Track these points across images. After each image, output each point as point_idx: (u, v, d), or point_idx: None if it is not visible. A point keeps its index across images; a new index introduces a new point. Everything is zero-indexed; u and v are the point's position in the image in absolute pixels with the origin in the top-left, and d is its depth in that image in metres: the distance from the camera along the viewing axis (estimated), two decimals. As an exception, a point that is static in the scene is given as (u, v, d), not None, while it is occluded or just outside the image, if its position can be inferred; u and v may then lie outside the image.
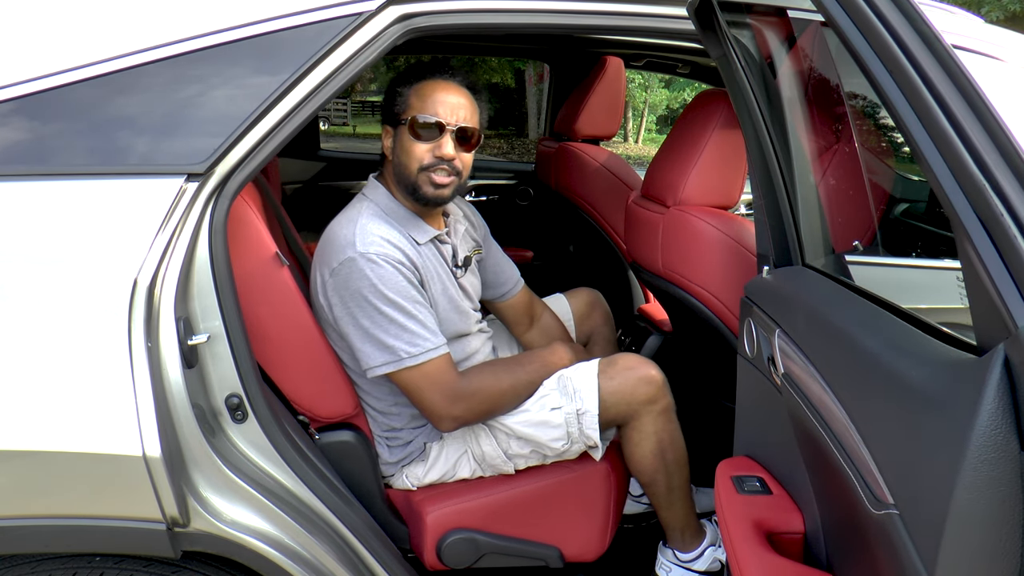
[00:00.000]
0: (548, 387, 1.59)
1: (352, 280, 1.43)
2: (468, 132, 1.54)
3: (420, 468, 1.61)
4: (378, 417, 1.61)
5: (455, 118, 1.52)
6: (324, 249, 1.50)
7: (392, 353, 1.44)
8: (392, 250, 1.46)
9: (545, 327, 1.93)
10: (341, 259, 1.44)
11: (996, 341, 0.66)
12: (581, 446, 1.57)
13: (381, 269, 1.43)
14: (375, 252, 1.43)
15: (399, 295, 1.43)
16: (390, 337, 1.43)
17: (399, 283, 1.44)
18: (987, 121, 0.69)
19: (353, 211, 1.54)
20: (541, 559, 1.60)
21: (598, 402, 1.54)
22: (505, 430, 1.57)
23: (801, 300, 1.14)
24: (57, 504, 1.14)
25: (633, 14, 1.35)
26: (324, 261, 1.48)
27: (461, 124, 1.53)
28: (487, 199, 3.43)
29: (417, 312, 1.45)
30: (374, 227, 1.48)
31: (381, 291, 1.42)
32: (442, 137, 1.52)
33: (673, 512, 1.68)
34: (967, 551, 0.67)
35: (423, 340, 1.44)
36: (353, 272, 1.43)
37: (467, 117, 1.54)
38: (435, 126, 1.51)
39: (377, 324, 1.43)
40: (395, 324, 1.43)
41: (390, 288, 1.43)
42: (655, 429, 1.60)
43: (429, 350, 1.45)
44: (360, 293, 1.43)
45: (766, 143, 1.26)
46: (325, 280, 1.47)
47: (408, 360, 1.44)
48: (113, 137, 1.14)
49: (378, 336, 1.43)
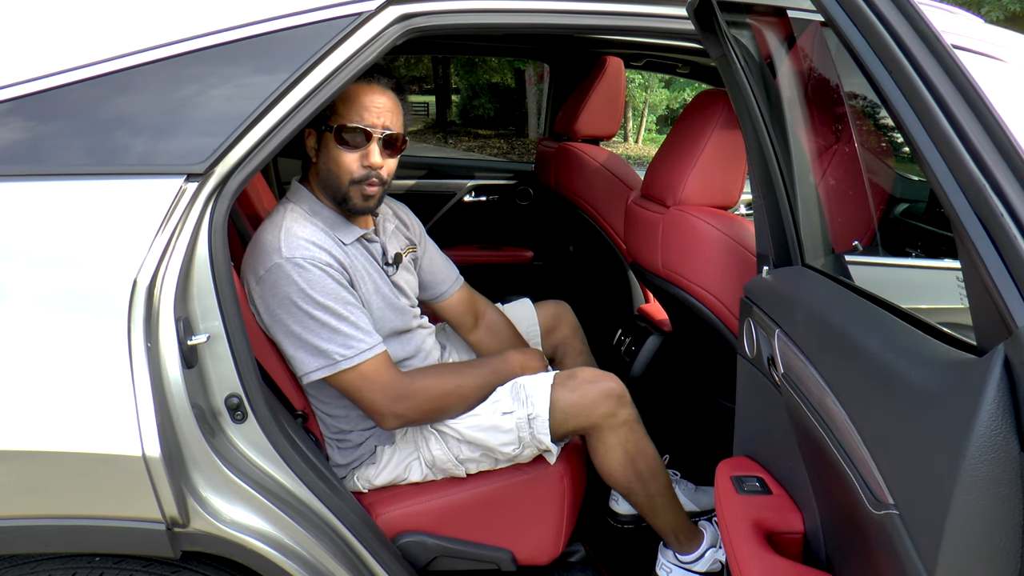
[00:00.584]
0: (501, 393, 1.59)
1: (279, 286, 1.40)
2: (394, 138, 1.51)
3: (371, 470, 1.60)
4: (327, 420, 1.60)
5: (381, 125, 1.49)
6: (250, 257, 1.47)
7: (326, 357, 1.42)
8: (318, 252, 1.43)
9: (491, 325, 1.92)
10: (268, 266, 1.41)
11: (996, 341, 0.66)
12: (534, 450, 1.56)
13: (308, 273, 1.40)
14: (301, 256, 1.40)
15: (328, 298, 1.41)
16: (322, 341, 1.41)
17: (327, 285, 1.42)
18: (987, 121, 0.69)
19: (277, 216, 1.49)
20: (493, 562, 1.60)
21: (551, 415, 1.53)
22: (455, 435, 1.55)
23: (801, 300, 1.14)
24: (57, 504, 1.14)
25: (633, 14, 1.35)
26: (251, 269, 1.45)
27: (388, 131, 1.49)
28: (487, 199, 3.43)
29: (348, 313, 1.43)
30: (299, 230, 1.45)
31: (310, 295, 1.40)
32: (369, 145, 1.48)
33: (660, 518, 1.68)
34: (967, 551, 0.67)
35: (356, 341, 1.42)
36: (280, 278, 1.40)
37: (393, 122, 1.51)
38: (361, 134, 1.47)
39: (308, 329, 1.41)
40: (327, 328, 1.41)
41: (318, 291, 1.40)
42: (619, 441, 1.59)
43: (363, 351, 1.43)
44: (289, 299, 1.40)
45: (766, 143, 1.26)
46: (252, 288, 1.45)
47: (343, 363, 1.42)
48: (113, 137, 1.14)
49: (310, 341, 1.41)
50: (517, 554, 1.62)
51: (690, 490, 1.99)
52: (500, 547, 1.60)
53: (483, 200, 3.42)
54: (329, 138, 1.49)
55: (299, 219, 1.49)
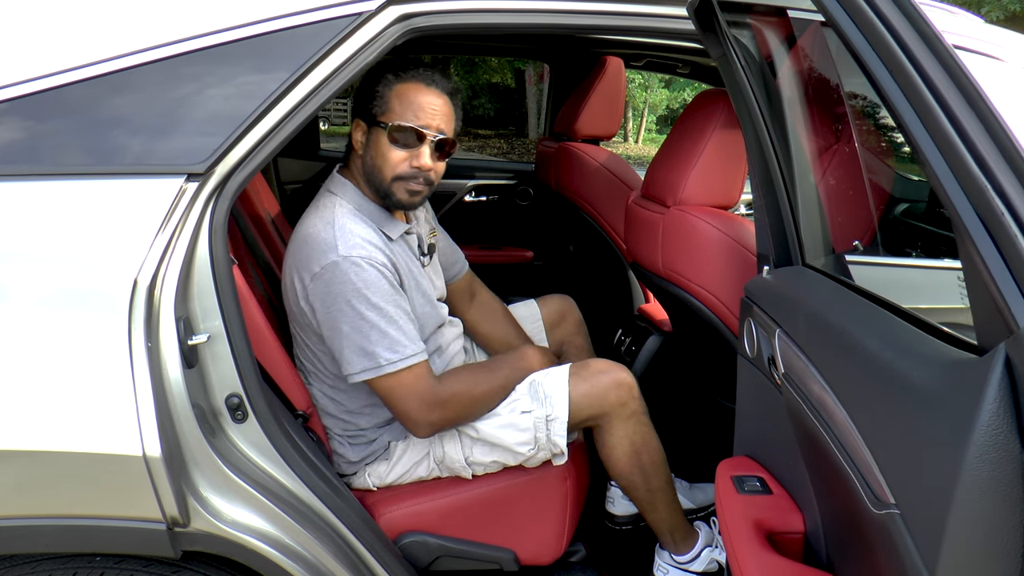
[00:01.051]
0: (519, 391, 1.59)
1: (335, 284, 1.40)
2: (445, 142, 1.53)
3: (383, 466, 1.60)
4: (345, 416, 1.59)
5: (435, 127, 1.50)
6: (301, 252, 1.46)
7: (372, 359, 1.42)
8: (374, 252, 1.43)
9: (484, 303, 1.96)
10: (323, 263, 1.40)
11: (997, 341, 0.66)
12: (546, 454, 1.56)
13: (365, 273, 1.40)
14: (358, 255, 1.40)
15: (382, 299, 1.41)
16: (371, 343, 1.41)
17: (382, 287, 1.42)
18: (988, 121, 0.69)
19: (327, 211, 1.49)
20: (495, 562, 1.60)
21: (568, 407, 1.53)
22: (471, 432, 1.55)
23: (801, 300, 1.14)
24: (57, 504, 1.14)
25: (633, 14, 1.35)
26: (303, 265, 1.44)
27: (441, 135, 1.51)
28: (487, 199, 3.43)
29: (399, 317, 1.43)
30: (353, 227, 1.45)
31: (365, 295, 1.40)
32: (421, 147, 1.49)
33: (657, 514, 1.68)
34: (968, 551, 0.67)
35: (403, 347, 1.42)
36: (336, 276, 1.40)
37: (446, 125, 1.52)
38: (415, 135, 1.48)
39: (358, 329, 1.41)
40: (376, 329, 1.41)
41: (373, 292, 1.40)
42: (627, 432, 1.60)
43: (409, 356, 1.43)
44: (343, 297, 1.40)
45: (766, 143, 1.26)
46: (305, 285, 1.44)
47: (388, 367, 1.42)
48: (113, 137, 1.14)
49: (359, 342, 1.41)
50: (519, 554, 1.62)
51: (684, 487, 1.99)
52: (502, 547, 1.60)
53: (483, 200, 3.42)
54: (380, 134, 1.50)
55: (350, 215, 1.48)
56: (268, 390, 1.30)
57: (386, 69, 1.52)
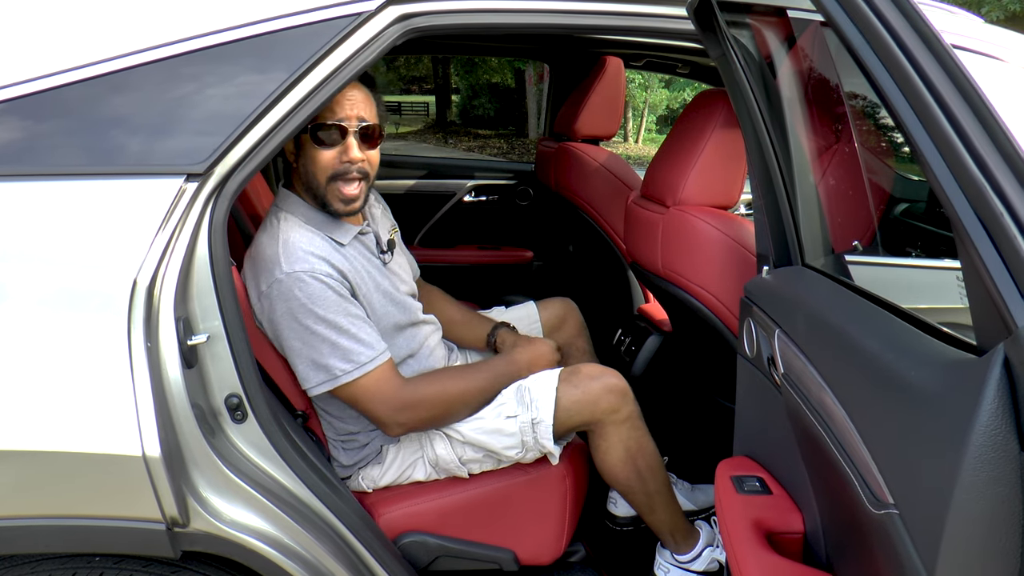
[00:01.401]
0: (505, 395, 1.58)
1: (280, 301, 1.39)
2: (370, 129, 1.48)
3: (376, 470, 1.60)
4: (334, 422, 1.60)
5: (356, 117, 1.46)
6: (251, 270, 1.46)
7: (327, 372, 1.41)
8: (318, 263, 1.41)
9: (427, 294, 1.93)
10: (269, 282, 1.40)
11: (996, 341, 0.66)
12: (536, 453, 1.57)
13: (309, 287, 1.39)
14: (301, 270, 1.39)
15: (329, 311, 1.40)
16: (323, 356, 1.41)
17: (328, 298, 1.40)
18: (987, 121, 0.69)
19: (272, 228, 1.47)
20: (495, 562, 1.60)
21: (554, 412, 1.53)
22: (459, 437, 1.55)
23: (801, 300, 1.14)
24: (57, 504, 1.14)
25: (633, 14, 1.35)
26: (252, 283, 1.45)
27: (363, 123, 1.47)
28: (487, 199, 3.43)
29: (350, 326, 1.42)
30: (297, 239, 1.43)
31: (311, 310, 1.39)
32: (346, 140, 1.46)
33: (657, 517, 1.68)
34: (967, 551, 0.67)
35: (356, 355, 1.42)
36: (281, 293, 1.39)
37: (367, 113, 1.48)
38: (337, 130, 1.45)
39: (308, 344, 1.40)
40: (327, 343, 1.40)
41: (319, 306, 1.39)
42: (621, 438, 1.59)
43: (363, 364, 1.42)
44: (290, 314, 1.39)
45: (766, 143, 1.26)
46: (254, 302, 1.45)
47: (343, 377, 1.41)
48: (113, 137, 1.14)
49: (311, 356, 1.41)
50: (519, 554, 1.62)
51: (686, 489, 1.99)
52: (502, 547, 1.60)
53: (483, 200, 3.42)
54: (305, 139, 1.47)
55: (295, 227, 1.46)
56: (268, 390, 1.30)
57: None
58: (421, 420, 1.50)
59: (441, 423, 1.53)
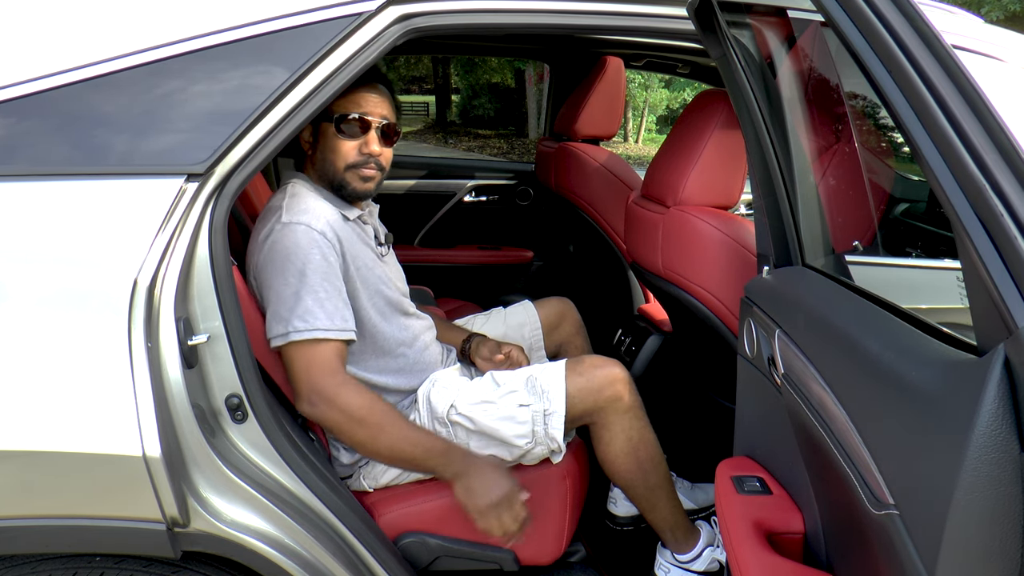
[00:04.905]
0: (516, 384, 1.58)
1: (271, 251, 1.43)
2: (390, 128, 1.59)
3: (376, 470, 1.58)
4: None
5: (379, 115, 1.57)
6: (255, 229, 1.52)
7: (284, 325, 1.40)
8: (317, 222, 1.45)
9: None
10: (266, 232, 1.45)
11: (996, 341, 0.66)
12: (543, 449, 1.56)
13: (299, 239, 1.42)
14: (299, 220, 1.43)
15: (308, 268, 1.41)
16: (287, 310, 1.40)
17: (314, 257, 1.42)
18: (987, 121, 0.69)
19: (282, 190, 1.55)
20: (495, 562, 1.59)
21: (565, 402, 1.54)
22: (468, 424, 1.54)
23: (801, 300, 1.14)
24: (57, 504, 1.14)
25: (633, 14, 1.35)
26: (253, 240, 1.50)
27: (385, 120, 1.58)
28: (487, 199, 3.43)
29: (320, 290, 1.41)
30: (305, 197, 1.51)
31: (292, 262, 1.41)
32: (368, 134, 1.56)
33: (658, 513, 1.68)
34: (967, 551, 0.67)
35: (314, 318, 1.40)
36: (273, 241, 1.43)
37: (388, 113, 1.59)
38: (360, 123, 1.54)
39: (279, 294, 1.41)
40: (294, 296, 1.40)
41: (301, 259, 1.41)
42: (623, 427, 1.60)
43: (318, 329, 1.39)
44: (275, 263, 1.42)
45: (766, 143, 1.26)
46: (252, 260, 1.49)
47: (293, 334, 1.39)
48: (113, 138, 1.14)
49: (277, 307, 1.41)
50: (519, 554, 1.62)
51: (686, 488, 1.99)
52: (502, 547, 1.60)
53: (483, 200, 3.42)
54: (327, 128, 1.56)
55: (304, 190, 1.54)
56: (268, 390, 1.30)
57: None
58: (330, 421, 1.41)
59: (344, 438, 1.45)
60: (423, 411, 1.59)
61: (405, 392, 1.64)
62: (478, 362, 1.79)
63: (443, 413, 1.56)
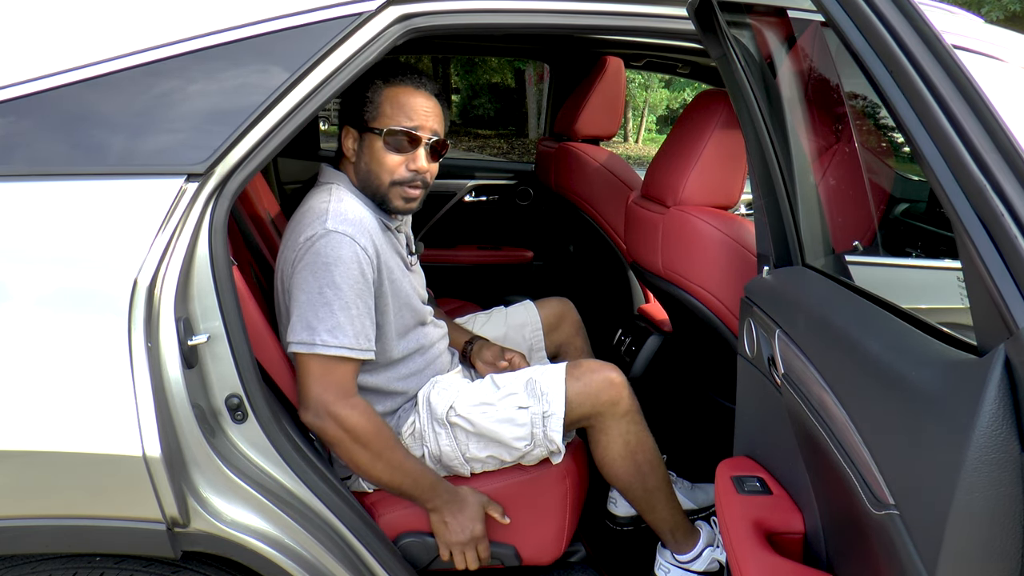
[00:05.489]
0: (515, 386, 1.58)
1: (310, 254, 1.39)
2: (439, 144, 1.54)
3: None
4: None
5: (429, 129, 1.51)
6: (295, 227, 1.46)
7: (312, 334, 1.38)
8: (361, 235, 1.42)
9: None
10: (309, 234, 1.40)
11: (996, 341, 0.66)
12: (543, 450, 1.56)
13: (342, 250, 1.39)
14: (343, 230, 1.40)
15: (345, 282, 1.39)
16: (317, 319, 1.38)
17: (351, 271, 1.40)
18: (987, 121, 0.69)
19: (324, 191, 1.50)
20: (496, 557, 1.59)
21: (564, 405, 1.53)
22: (467, 426, 1.54)
23: (801, 300, 1.14)
24: (57, 504, 1.14)
25: (633, 14, 1.35)
26: (292, 239, 1.44)
27: (435, 137, 1.52)
28: (487, 199, 3.43)
29: (353, 306, 1.40)
30: (349, 203, 1.46)
31: (331, 272, 1.38)
32: (416, 150, 1.51)
33: (657, 515, 1.68)
34: (967, 551, 0.67)
35: (343, 335, 1.39)
36: (315, 247, 1.39)
37: (439, 127, 1.54)
38: (410, 138, 1.50)
39: (311, 301, 1.38)
40: (326, 307, 1.38)
41: (340, 273, 1.38)
42: (620, 432, 1.59)
43: (344, 347, 1.38)
44: (311, 268, 1.39)
45: (766, 143, 1.26)
46: (289, 258, 1.43)
47: (320, 347, 1.38)
48: (113, 137, 1.14)
49: (306, 314, 1.39)
50: (520, 553, 1.62)
51: (687, 488, 1.99)
52: (503, 543, 1.60)
53: (483, 200, 3.42)
54: (374, 140, 1.51)
55: (348, 195, 1.50)
56: (268, 390, 1.30)
57: (374, 74, 1.52)
58: (334, 437, 1.41)
59: (343, 455, 1.45)
60: (423, 413, 1.59)
61: (409, 396, 1.64)
62: (479, 366, 1.79)
63: (442, 414, 1.56)
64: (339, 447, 1.42)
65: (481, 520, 1.51)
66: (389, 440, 1.46)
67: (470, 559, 1.52)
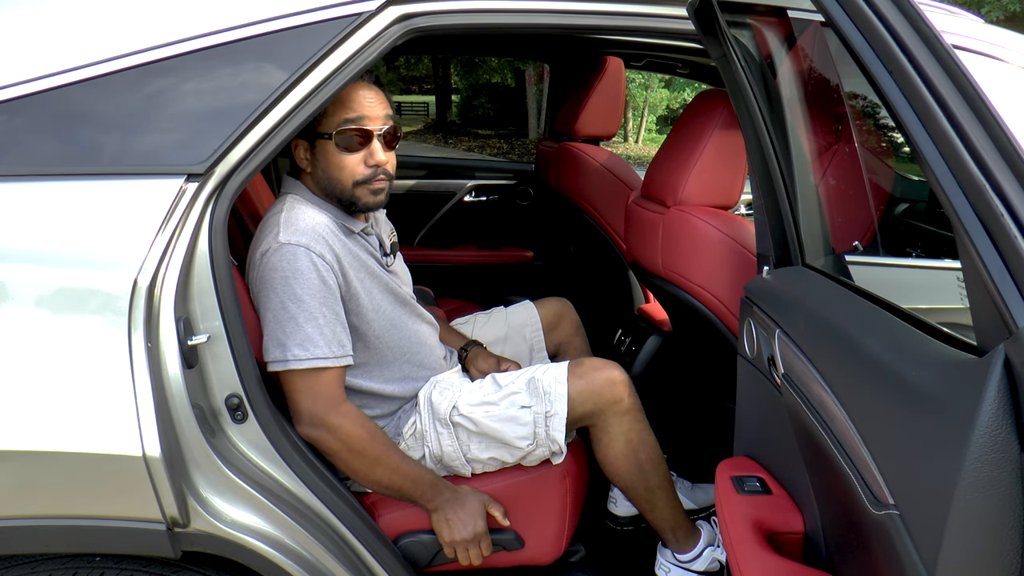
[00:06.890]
0: (518, 385, 1.57)
1: (267, 270, 1.38)
2: (392, 131, 1.50)
3: None
4: None
5: (379, 119, 1.47)
6: (254, 241, 1.44)
7: (284, 351, 1.38)
8: (315, 243, 1.39)
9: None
10: (263, 249, 1.40)
11: (996, 341, 0.66)
12: (545, 451, 1.56)
13: (298, 263, 1.37)
14: (296, 242, 1.37)
15: (307, 293, 1.37)
16: (286, 335, 1.37)
17: (311, 281, 1.38)
18: (987, 121, 0.69)
19: (280, 202, 1.49)
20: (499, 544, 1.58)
21: (567, 404, 1.53)
22: (469, 425, 1.54)
23: (801, 300, 1.14)
24: (57, 504, 1.14)
25: (633, 14, 1.35)
26: (251, 254, 1.44)
27: (386, 126, 1.48)
28: (487, 199, 3.43)
29: (319, 315, 1.38)
30: (302, 213, 1.43)
31: (291, 286, 1.37)
32: (371, 144, 1.46)
33: (658, 514, 1.68)
34: (967, 551, 0.67)
35: (314, 346, 1.37)
36: (270, 263, 1.38)
37: (387, 114, 1.49)
38: (361, 133, 1.45)
39: (276, 318, 1.38)
40: (292, 322, 1.37)
41: (300, 284, 1.37)
42: (622, 430, 1.59)
43: (318, 358, 1.37)
44: (271, 285, 1.38)
45: (766, 143, 1.26)
46: (251, 275, 1.43)
47: (293, 363, 1.37)
48: (113, 138, 1.14)
49: (276, 332, 1.38)
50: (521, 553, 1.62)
51: (687, 488, 1.99)
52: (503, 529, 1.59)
53: (483, 200, 3.42)
54: (325, 144, 1.47)
55: (303, 204, 1.47)
56: (268, 390, 1.30)
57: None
58: (330, 447, 1.42)
59: (342, 464, 1.45)
60: (424, 413, 1.58)
61: (407, 399, 1.64)
62: (474, 373, 1.78)
63: (445, 414, 1.56)
64: (337, 457, 1.43)
65: (483, 517, 1.51)
66: (385, 444, 1.46)
67: (473, 556, 1.51)
